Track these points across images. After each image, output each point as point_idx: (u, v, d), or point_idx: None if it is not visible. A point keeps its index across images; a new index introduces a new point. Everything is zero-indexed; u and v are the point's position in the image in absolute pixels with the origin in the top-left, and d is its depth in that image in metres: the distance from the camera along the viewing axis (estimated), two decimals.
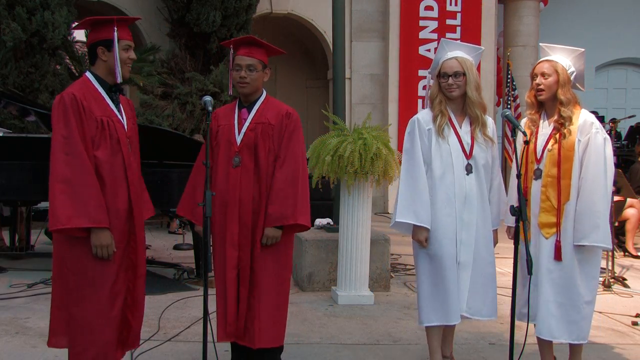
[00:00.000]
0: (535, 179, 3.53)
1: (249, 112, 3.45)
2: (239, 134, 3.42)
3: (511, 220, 3.68)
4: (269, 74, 3.54)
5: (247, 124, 3.43)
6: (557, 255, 3.44)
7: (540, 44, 3.77)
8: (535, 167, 3.53)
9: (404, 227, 3.59)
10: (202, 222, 3.35)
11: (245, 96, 3.47)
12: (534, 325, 3.55)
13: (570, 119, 3.46)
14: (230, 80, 3.52)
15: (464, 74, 3.49)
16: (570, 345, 3.57)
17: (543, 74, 3.51)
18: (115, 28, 3.06)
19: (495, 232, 3.67)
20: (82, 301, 3.00)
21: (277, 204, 3.34)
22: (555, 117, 3.51)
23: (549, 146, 3.50)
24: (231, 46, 3.48)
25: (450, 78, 3.50)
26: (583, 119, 3.49)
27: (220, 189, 3.37)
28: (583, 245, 3.43)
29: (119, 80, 3.09)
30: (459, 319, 3.53)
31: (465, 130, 3.54)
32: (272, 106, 3.49)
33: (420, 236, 3.50)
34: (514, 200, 3.58)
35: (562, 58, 3.55)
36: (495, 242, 3.68)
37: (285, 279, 3.49)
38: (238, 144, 3.40)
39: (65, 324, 3.06)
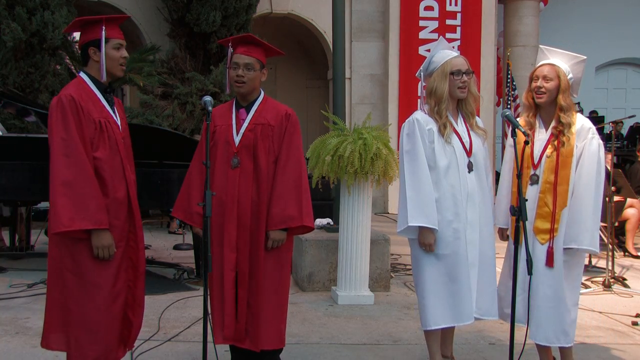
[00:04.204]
0: (532, 184, 3.52)
1: (248, 112, 3.42)
2: (237, 135, 3.39)
3: (503, 222, 3.69)
4: (267, 74, 3.50)
5: (245, 124, 3.39)
6: (549, 261, 3.45)
7: (540, 45, 3.75)
8: (532, 172, 3.52)
9: (408, 232, 3.51)
10: (196, 223, 3.37)
11: (242, 96, 3.44)
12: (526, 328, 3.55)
13: (569, 126, 3.46)
14: (227, 78, 3.50)
15: (472, 72, 3.51)
16: (560, 348, 3.58)
17: (545, 77, 3.48)
18: (104, 27, 3.04)
19: (493, 230, 3.65)
20: (82, 301, 2.99)
21: (282, 206, 3.31)
22: (554, 124, 3.50)
23: (548, 152, 3.49)
24: (229, 44, 3.45)
25: (463, 75, 3.47)
26: (580, 124, 3.49)
27: (218, 190, 3.33)
28: (570, 249, 3.44)
29: (103, 78, 3.09)
30: (472, 319, 3.50)
31: (462, 128, 3.54)
32: (270, 107, 3.46)
33: (430, 239, 3.44)
34: (505, 199, 3.62)
35: (562, 63, 3.53)
36: None
37: (285, 279, 3.47)
38: (236, 145, 3.37)
39: (62, 324, 3.04)
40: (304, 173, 3.42)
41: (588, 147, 3.45)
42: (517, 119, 3.50)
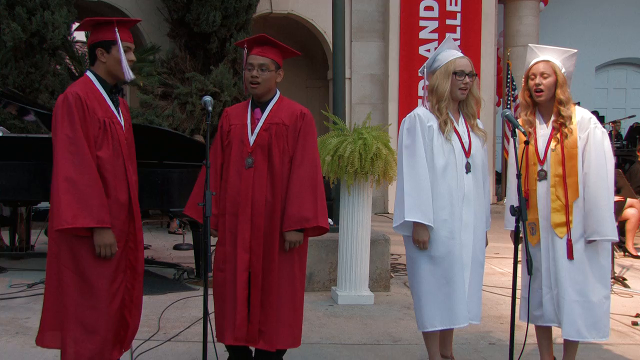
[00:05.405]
0: (540, 180, 3.52)
1: (262, 111, 3.40)
2: (252, 134, 3.36)
3: (513, 224, 3.67)
4: (282, 74, 3.47)
5: (260, 124, 3.37)
6: (569, 254, 3.44)
7: (529, 44, 3.77)
8: (539, 168, 3.52)
9: (404, 228, 3.51)
10: (211, 223, 3.31)
11: (257, 96, 3.42)
12: (532, 325, 3.54)
13: (570, 118, 3.48)
14: (244, 80, 3.46)
15: (474, 74, 3.51)
16: (566, 343, 3.57)
17: (542, 74, 3.50)
18: (117, 29, 3.06)
19: (485, 233, 3.64)
20: (79, 300, 3.00)
21: (298, 206, 3.28)
22: (554, 118, 3.51)
23: (552, 146, 3.49)
24: (245, 45, 3.43)
25: (466, 77, 3.47)
26: (580, 115, 3.51)
27: (232, 190, 3.33)
28: (594, 240, 3.44)
29: (129, 77, 3.10)
30: (466, 322, 3.48)
31: (462, 128, 3.53)
32: (286, 106, 3.44)
33: (425, 237, 3.43)
34: (514, 200, 3.58)
35: (554, 59, 3.54)
36: (486, 243, 3.66)
37: (301, 281, 3.44)
38: (251, 145, 3.35)
39: (59, 322, 3.05)
40: (319, 173, 3.39)
41: (592, 136, 3.46)
42: (517, 119, 3.50)
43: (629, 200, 8.02)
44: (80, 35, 10.06)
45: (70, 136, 2.94)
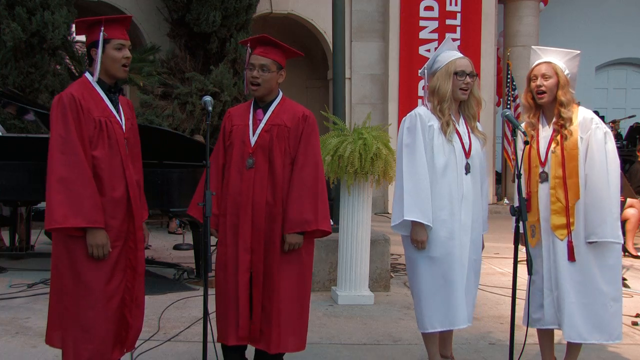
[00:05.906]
0: (541, 182, 3.51)
1: (265, 112, 3.40)
2: (253, 135, 3.36)
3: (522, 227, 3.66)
4: (285, 75, 3.47)
5: (262, 125, 3.37)
6: (570, 256, 3.42)
7: (533, 46, 3.77)
8: (541, 170, 3.51)
9: (402, 227, 3.50)
10: (211, 223, 3.31)
11: (259, 97, 3.42)
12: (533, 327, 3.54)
13: (570, 120, 3.46)
14: (245, 79, 3.48)
15: (475, 74, 3.50)
16: (568, 344, 3.56)
17: (544, 76, 3.49)
18: (102, 28, 3.05)
19: (481, 236, 3.63)
20: (77, 299, 3.00)
21: (298, 210, 3.27)
22: (555, 119, 3.50)
23: (552, 148, 3.49)
24: (248, 45, 3.43)
25: (467, 77, 3.46)
26: (582, 116, 3.49)
27: (233, 191, 3.33)
28: (594, 242, 3.41)
29: (95, 78, 3.09)
30: (466, 323, 3.48)
31: (463, 128, 3.53)
32: (288, 108, 3.44)
33: (423, 236, 3.42)
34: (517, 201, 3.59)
35: (557, 60, 3.53)
36: (482, 246, 3.65)
37: (305, 283, 3.42)
38: (252, 145, 3.35)
39: (60, 322, 3.05)
40: (321, 175, 3.38)
41: (593, 137, 3.43)
42: (519, 121, 3.49)
43: (629, 200, 8.03)
44: (80, 35, 10.06)
45: (63, 136, 2.94)
